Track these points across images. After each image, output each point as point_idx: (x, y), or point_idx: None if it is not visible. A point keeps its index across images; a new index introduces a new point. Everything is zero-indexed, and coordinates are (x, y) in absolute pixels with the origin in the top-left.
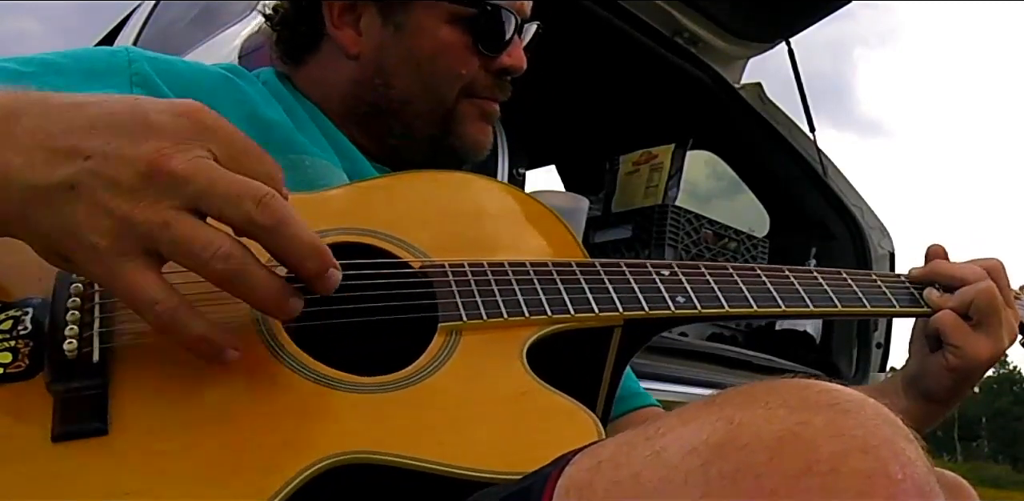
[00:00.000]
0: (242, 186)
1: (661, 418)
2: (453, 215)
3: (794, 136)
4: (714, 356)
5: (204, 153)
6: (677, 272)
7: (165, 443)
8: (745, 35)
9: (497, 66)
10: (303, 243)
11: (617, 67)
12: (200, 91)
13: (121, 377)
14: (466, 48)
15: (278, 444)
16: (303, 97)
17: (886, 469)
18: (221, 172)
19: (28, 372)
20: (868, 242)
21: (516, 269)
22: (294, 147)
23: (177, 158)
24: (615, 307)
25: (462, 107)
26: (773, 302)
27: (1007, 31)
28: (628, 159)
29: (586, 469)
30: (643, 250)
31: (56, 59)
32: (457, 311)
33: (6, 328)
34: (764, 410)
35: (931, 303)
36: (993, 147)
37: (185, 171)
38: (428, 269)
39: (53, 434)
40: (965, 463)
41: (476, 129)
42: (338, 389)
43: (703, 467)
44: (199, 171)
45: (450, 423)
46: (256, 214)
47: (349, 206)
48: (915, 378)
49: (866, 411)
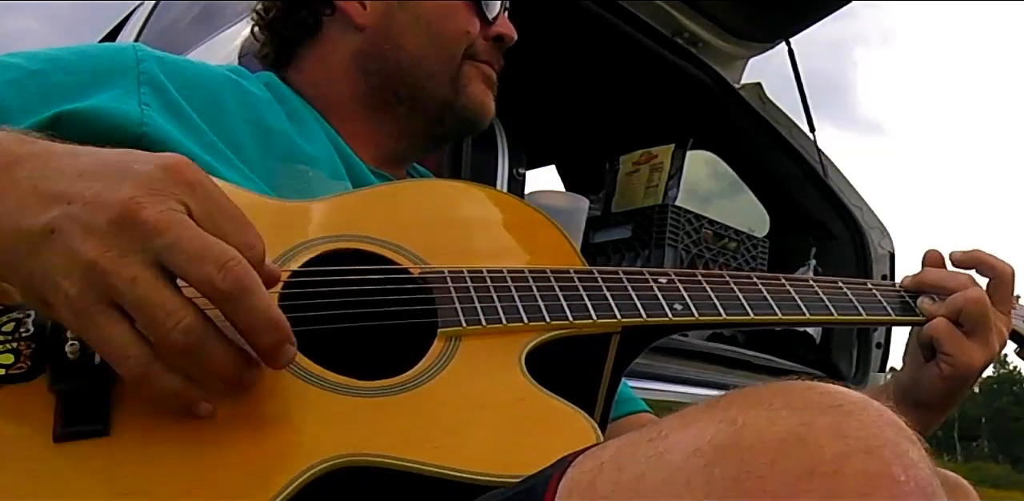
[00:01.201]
0: (207, 247)
1: (663, 420)
2: (452, 222)
3: (794, 136)
4: (714, 356)
5: (178, 207)
6: (675, 280)
7: (166, 445)
8: (745, 35)
9: (493, 32)
10: (260, 316)
11: (617, 67)
12: (206, 92)
13: (122, 379)
14: (470, 10)
15: (278, 446)
16: (303, 98)
17: (889, 470)
18: (190, 228)
19: (30, 373)
20: (868, 242)
21: (515, 276)
22: (296, 156)
23: (149, 208)
24: (613, 314)
25: (466, 68)
26: (769, 310)
27: (1008, 31)
28: (628, 159)
29: (588, 470)
30: (643, 250)
31: (63, 55)
32: (456, 317)
33: (8, 330)
34: (767, 412)
35: (924, 311)
36: (993, 147)
37: (156, 222)
38: (427, 275)
39: (54, 435)
40: (965, 463)
41: (481, 90)
42: (338, 393)
43: (706, 468)
44: (169, 224)
45: (448, 427)
46: (216, 278)
47: (349, 213)
48: (908, 388)
49: (869, 413)
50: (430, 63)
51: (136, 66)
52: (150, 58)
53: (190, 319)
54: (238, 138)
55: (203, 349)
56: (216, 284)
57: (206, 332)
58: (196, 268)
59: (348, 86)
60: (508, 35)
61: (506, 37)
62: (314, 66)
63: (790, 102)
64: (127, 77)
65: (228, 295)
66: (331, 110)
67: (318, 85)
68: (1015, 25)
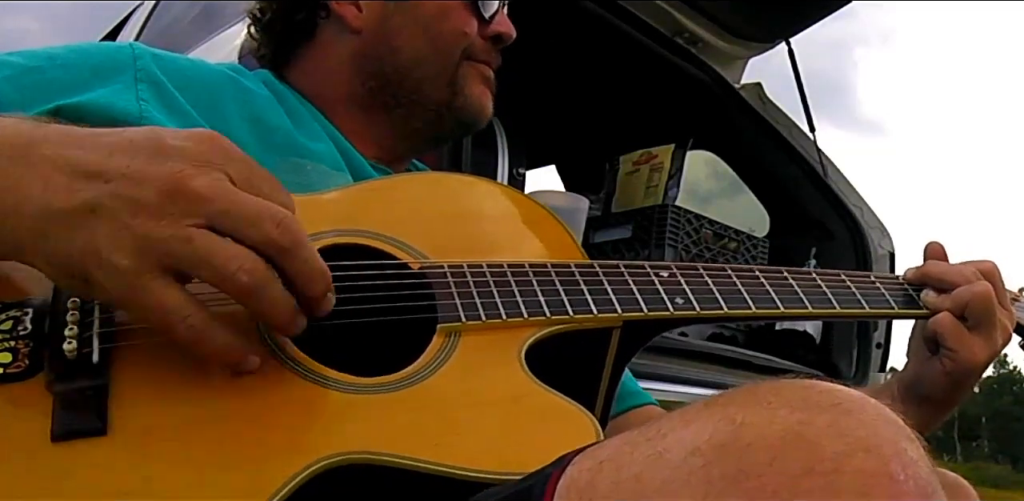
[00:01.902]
0: (262, 207)
1: (662, 418)
2: (452, 217)
3: (794, 136)
4: (714, 356)
5: (222, 176)
6: (676, 273)
7: (164, 443)
8: (745, 35)
9: (491, 32)
10: (315, 266)
11: (617, 67)
12: (204, 89)
13: (120, 377)
14: (466, 9)
15: (276, 444)
16: (302, 96)
17: (888, 469)
18: (240, 194)
19: (28, 372)
20: (868, 242)
21: (515, 270)
22: (297, 151)
23: (198, 178)
24: (614, 308)
25: (464, 69)
26: (772, 303)
27: (1008, 31)
28: (628, 159)
29: (587, 469)
30: (643, 250)
31: (61, 53)
32: (456, 312)
33: (6, 328)
34: (766, 410)
35: (928, 305)
36: (994, 147)
37: (207, 191)
38: (427, 270)
39: (53, 434)
40: (965, 463)
41: (479, 91)
42: (337, 390)
43: (705, 468)
44: (220, 191)
45: (448, 424)
46: (275, 235)
47: (349, 208)
48: (912, 382)
49: (868, 411)
50: (427, 66)
51: (133, 63)
52: (147, 56)
53: (252, 260)
54: (237, 134)
55: (267, 289)
56: (276, 240)
57: (268, 272)
58: (256, 228)
59: (346, 87)
60: (507, 34)
61: (504, 36)
62: (312, 67)
63: (790, 102)
64: (124, 74)
65: (287, 249)
66: (330, 109)
67: (316, 85)
68: (1015, 25)
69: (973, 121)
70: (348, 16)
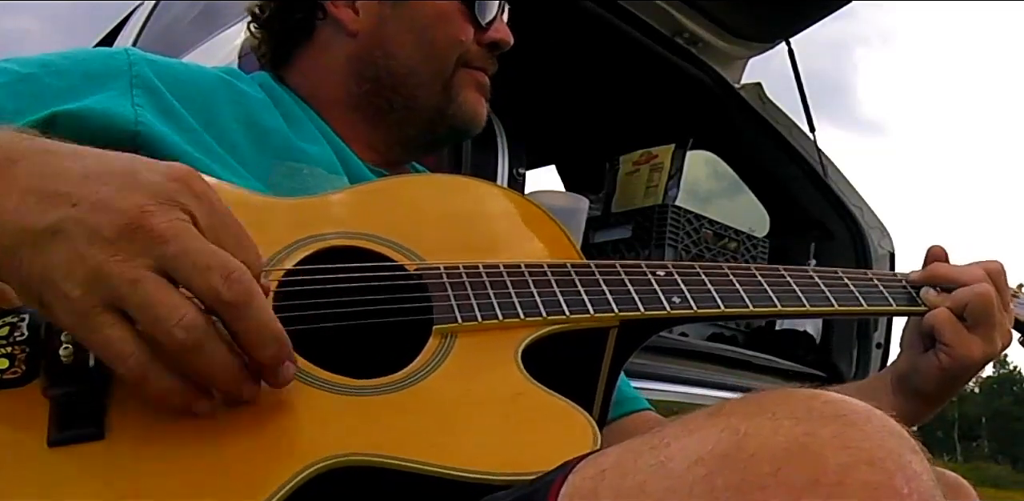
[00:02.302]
0: (213, 257)
1: (665, 427)
2: (449, 218)
3: (794, 136)
4: (714, 356)
5: (185, 217)
6: (673, 272)
7: (160, 447)
8: (745, 35)
9: (488, 39)
10: (263, 327)
11: (617, 67)
12: (199, 93)
13: (116, 382)
14: (463, 16)
15: (273, 447)
16: (299, 98)
17: (892, 482)
18: (197, 239)
19: (24, 378)
20: (868, 242)
21: (511, 271)
22: (292, 154)
23: (158, 216)
24: (610, 308)
25: (459, 76)
26: (769, 302)
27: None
28: (628, 159)
29: (590, 477)
30: (643, 250)
31: (56, 60)
32: (452, 313)
33: (2, 334)
34: (770, 421)
35: (928, 302)
36: (994, 147)
37: (163, 231)
38: (423, 272)
39: (49, 439)
40: (965, 463)
41: (474, 98)
42: (333, 392)
43: (708, 477)
44: (176, 233)
45: (445, 425)
46: (222, 288)
47: (345, 210)
48: (905, 376)
49: (872, 423)
50: (422, 72)
51: (128, 69)
52: (142, 61)
53: (192, 316)
54: (232, 138)
55: (204, 348)
56: (221, 294)
57: (208, 330)
58: (202, 277)
59: (342, 90)
60: (503, 41)
61: (501, 43)
62: (310, 67)
63: (790, 102)
64: (120, 80)
65: (232, 305)
66: (327, 111)
67: (313, 86)
68: (1015, 25)
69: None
70: (345, 19)
